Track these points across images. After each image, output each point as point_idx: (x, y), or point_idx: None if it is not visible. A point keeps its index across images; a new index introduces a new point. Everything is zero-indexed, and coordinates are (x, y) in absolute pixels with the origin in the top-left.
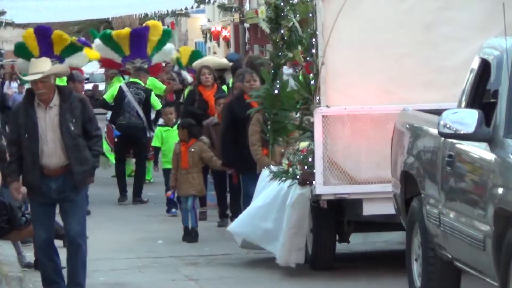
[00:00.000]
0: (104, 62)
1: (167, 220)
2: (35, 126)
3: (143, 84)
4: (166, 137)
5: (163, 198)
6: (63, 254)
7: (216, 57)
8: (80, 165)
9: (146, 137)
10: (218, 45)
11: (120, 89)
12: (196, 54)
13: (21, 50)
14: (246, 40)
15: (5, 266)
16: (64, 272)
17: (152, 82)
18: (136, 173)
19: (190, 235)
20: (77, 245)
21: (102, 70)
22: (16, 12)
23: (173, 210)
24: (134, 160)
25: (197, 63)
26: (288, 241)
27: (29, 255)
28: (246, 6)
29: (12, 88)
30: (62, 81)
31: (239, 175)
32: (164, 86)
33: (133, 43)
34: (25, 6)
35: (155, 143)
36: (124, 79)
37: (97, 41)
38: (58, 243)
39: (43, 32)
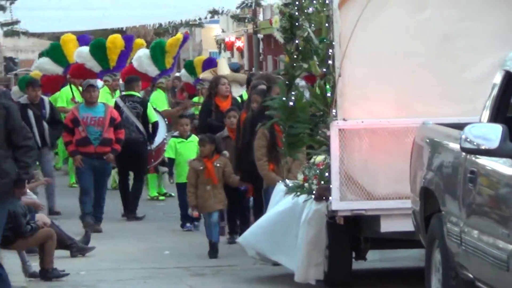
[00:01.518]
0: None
1: (174, 231)
2: None
3: (139, 95)
4: (180, 149)
5: (172, 208)
6: (71, 263)
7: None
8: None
9: (146, 151)
10: (232, 56)
11: (116, 104)
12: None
13: (54, 52)
14: (260, 51)
15: (9, 275)
16: None
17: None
18: (133, 188)
19: (210, 250)
20: None
21: None
22: (30, 21)
23: (188, 225)
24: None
25: (203, 76)
26: (305, 258)
27: (35, 264)
28: (260, 17)
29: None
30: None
31: (256, 191)
32: (165, 108)
33: (122, 54)
34: (40, 16)
35: (168, 154)
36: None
37: (82, 49)
38: (66, 253)
39: (85, 40)
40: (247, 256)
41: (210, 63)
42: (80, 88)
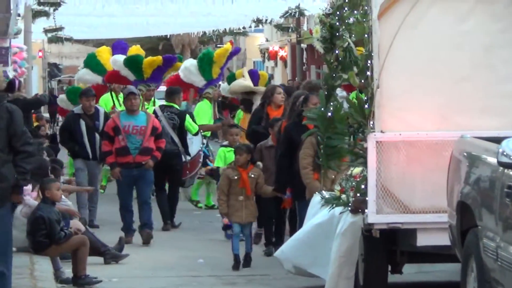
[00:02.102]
0: (110, 76)
1: (210, 240)
2: None
3: (178, 107)
4: (229, 158)
5: (208, 217)
6: (104, 270)
7: (243, 80)
8: None
9: (182, 162)
10: (276, 65)
11: (154, 113)
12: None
13: (91, 61)
14: (304, 61)
15: (40, 281)
16: None
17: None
18: (168, 199)
19: (244, 261)
20: None
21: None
22: (74, 28)
23: (229, 232)
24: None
25: (224, 88)
26: (337, 270)
27: (68, 271)
28: (304, 27)
29: None
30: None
31: (294, 201)
32: (210, 118)
33: (159, 69)
34: (84, 22)
35: (218, 163)
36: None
37: (117, 57)
38: (99, 260)
39: (121, 47)
40: (280, 265)
41: (252, 75)
42: (121, 96)
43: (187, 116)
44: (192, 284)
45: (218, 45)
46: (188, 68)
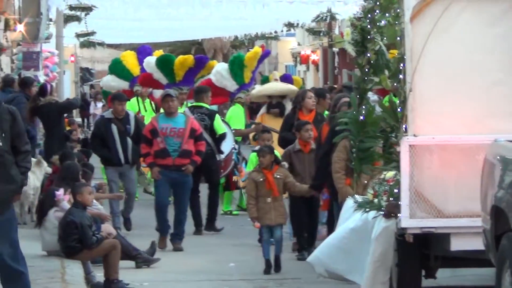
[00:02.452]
0: (144, 79)
1: (241, 243)
2: None
3: (207, 107)
4: None
5: (240, 221)
6: (136, 274)
7: (278, 82)
8: (4, 183)
9: (216, 162)
10: (308, 69)
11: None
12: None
13: (116, 67)
14: (335, 65)
15: (71, 285)
16: None
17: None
18: (209, 200)
19: (273, 266)
20: (14, 273)
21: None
22: (106, 32)
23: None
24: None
25: (256, 91)
26: (372, 275)
27: (99, 275)
28: (335, 30)
29: (98, 109)
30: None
31: (332, 202)
32: (243, 123)
33: (190, 71)
34: (115, 27)
35: (250, 168)
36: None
37: (150, 59)
38: (131, 264)
39: (146, 51)
40: (311, 268)
41: (286, 80)
42: (147, 101)
43: (217, 115)
44: None
45: (250, 49)
46: (220, 72)
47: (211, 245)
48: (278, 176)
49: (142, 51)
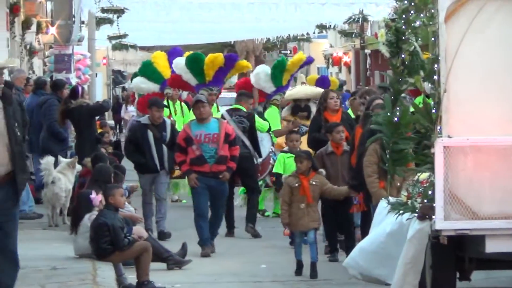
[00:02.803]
0: (173, 80)
1: (272, 245)
2: None
3: (246, 110)
4: (288, 164)
5: (270, 223)
6: (167, 276)
7: (306, 86)
8: (22, 173)
9: (254, 165)
10: (340, 71)
11: (222, 117)
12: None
13: (147, 69)
14: (367, 66)
15: (102, 287)
16: None
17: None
18: (248, 203)
19: (311, 271)
20: (15, 263)
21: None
22: (138, 35)
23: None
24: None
25: (288, 95)
26: (401, 277)
27: (131, 277)
28: (367, 32)
29: (129, 112)
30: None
31: (368, 204)
32: (278, 125)
33: (220, 70)
34: (147, 29)
35: (277, 169)
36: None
37: (179, 60)
38: (162, 265)
39: (177, 53)
40: (342, 270)
41: (323, 82)
42: (177, 104)
43: (256, 116)
44: None
45: (282, 51)
46: (259, 74)
47: (242, 246)
48: (314, 183)
49: (173, 53)
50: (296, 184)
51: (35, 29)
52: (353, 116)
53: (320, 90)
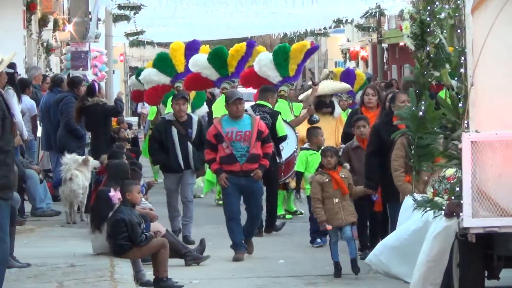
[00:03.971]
0: (190, 81)
1: (290, 241)
2: None
3: (271, 106)
4: (311, 161)
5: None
6: (185, 272)
7: (332, 81)
8: (12, 169)
9: (276, 164)
10: (357, 65)
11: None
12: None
13: (162, 62)
14: (384, 60)
15: (120, 284)
16: None
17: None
18: (267, 203)
19: (340, 271)
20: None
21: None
22: (155, 31)
23: (318, 240)
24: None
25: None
26: (423, 274)
27: (149, 273)
28: (385, 26)
29: (146, 108)
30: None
31: (384, 203)
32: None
33: (242, 60)
34: (164, 25)
35: (298, 167)
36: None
37: (198, 57)
38: (180, 261)
39: (194, 47)
40: (361, 264)
41: (348, 75)
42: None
43: (279, 116)
44: (273, 285)
45: None
46: (262, 61)
47: (260, 242)
48: (343, 176)
49: (192, 46)
50: (327, 180)
51: (52, 27)
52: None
53: (346, 85)
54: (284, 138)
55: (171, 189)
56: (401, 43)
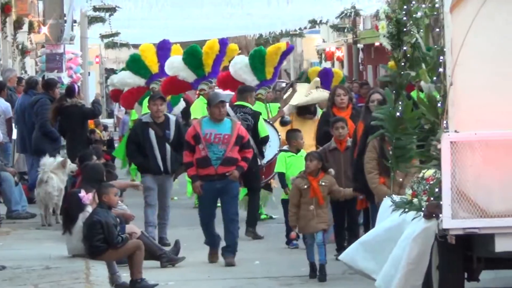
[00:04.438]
0: (167, 86)
1: (266, 242)
2: None
3: (251, 107)
4: (290, 163)
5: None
6: (161, 273)
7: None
8: None
9: (257, 165)
10: (333, 66)
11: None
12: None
13: (135, 64)
14: (360, 61)
15: (96, 286)
16: None
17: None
18: (249, 205)
19: (317, 272)
20: None
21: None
22: (130, 32)
23: (294, 242)
24: None
25: (305, 101)
26: (403, 277)
27: (125, 275)
28: (360, 27)
29: (122, 111)
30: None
31: (367, 203)
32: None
33: (217, 59)
34: (140, 27)
35: (279, 168)
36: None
37: (173, 59)
38: (156, 263)
39: (166, 46)
40: (336, 265)
41: (326, 74)
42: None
43: (261, 117)
44: (249, 286)
45: None
46: (237, 65)
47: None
48: (323, 183)
49: (162, 46)
50: (305, 186)
51: (27, 29)
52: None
53: (325, 95)
54: (266, 139)
55: (149, 187)
56: (377, 43)
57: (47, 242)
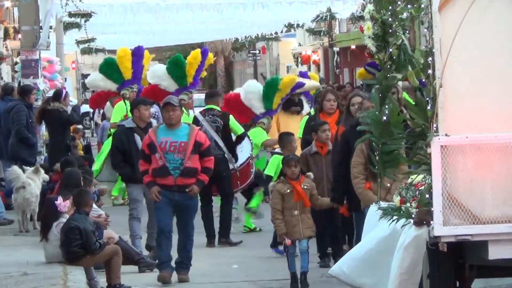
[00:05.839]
0: (148, 93)
1: (244, 245)
2: None
3: (219, 109)
4: (280, 167)
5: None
6: (139, 278)
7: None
8: None
9: (229, 169)
10: (309, 69)
11: (195, 118)
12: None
13: (109, 68)
14: (336, 64)
15: None
16: None
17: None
18: (221, 212)
19: (298, 282)
20: None
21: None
22: (106, 38)
23: (280, 248)
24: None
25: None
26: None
27: (102, 280)
28: (336, 30)
29: (100, 117)
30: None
31: (350, 212)
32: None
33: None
34: (115, 32)
35: (269, 171)
36: None
37: (157, 68)
38: (134, 268)
39: (139, 53)
40: (314, 270)
41: (303, 78)
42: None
43: (231, 116)
44: None
45: (251, 51)
46: (251, 88)
47: (213, 247)
48: (305, 187)
49: (136, 52)
50: (288, 190)
51: (3, 35)
52: None
53: (316, 83)
54: (243, 135)
55: (136, 200)
56: (353, 46)
57: (24, 248)
